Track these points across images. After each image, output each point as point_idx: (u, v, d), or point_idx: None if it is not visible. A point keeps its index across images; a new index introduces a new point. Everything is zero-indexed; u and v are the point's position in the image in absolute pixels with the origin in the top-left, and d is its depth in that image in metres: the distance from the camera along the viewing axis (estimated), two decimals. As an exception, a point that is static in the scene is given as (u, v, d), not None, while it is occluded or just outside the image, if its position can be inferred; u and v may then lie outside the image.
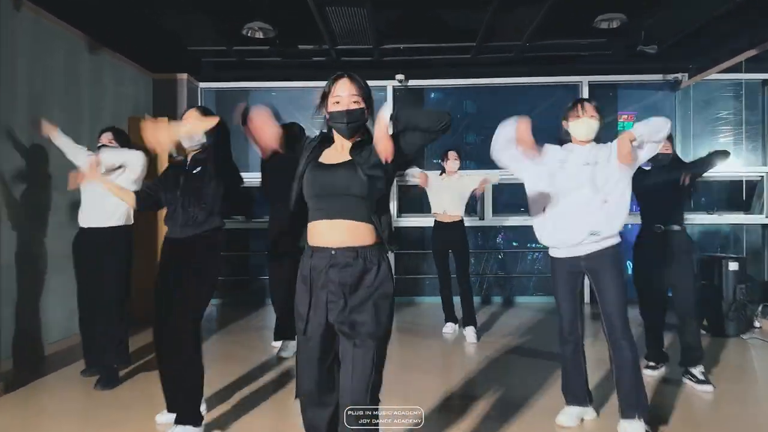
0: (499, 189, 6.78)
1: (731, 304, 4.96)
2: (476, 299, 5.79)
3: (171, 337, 2.86)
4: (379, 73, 6.62)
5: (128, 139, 4.15)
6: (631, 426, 2.80)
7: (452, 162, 5.09)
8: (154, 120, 2.40)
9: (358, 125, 2.02)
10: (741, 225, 6.90)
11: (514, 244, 7.33)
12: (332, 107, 2.02)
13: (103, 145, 3.91)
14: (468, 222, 5.33)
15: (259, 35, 5.24)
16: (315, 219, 2.01)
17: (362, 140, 2.05)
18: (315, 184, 2.00)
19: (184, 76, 6.63)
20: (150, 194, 3.10)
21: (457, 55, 6.28)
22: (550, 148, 3.04)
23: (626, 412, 2.83)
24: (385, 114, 1.93)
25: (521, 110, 7.13)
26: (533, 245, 7.12)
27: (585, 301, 6.20)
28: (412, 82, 6.91)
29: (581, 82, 6.97)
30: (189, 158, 3.05)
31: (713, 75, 6.36)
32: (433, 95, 7.43)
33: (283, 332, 4.56)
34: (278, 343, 4.69)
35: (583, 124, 2.94)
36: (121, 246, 3.89)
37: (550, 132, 7.48)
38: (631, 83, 7.08)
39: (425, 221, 6.82)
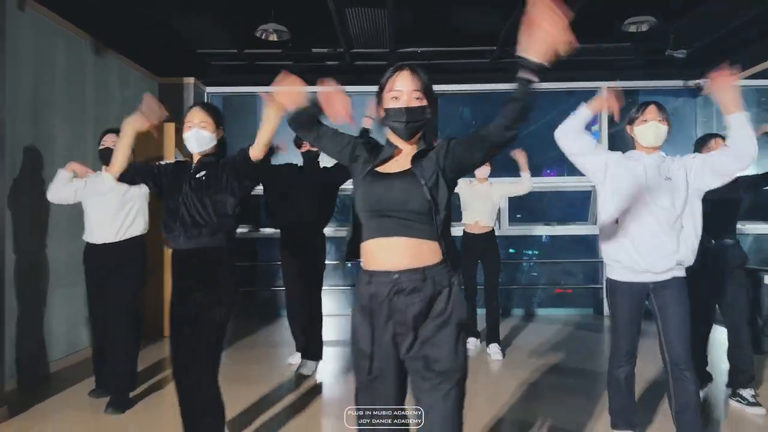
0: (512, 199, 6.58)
1: (767, 319, 4.75)
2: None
3: (188, 361, 2.53)
4: (417, 67, 6.40)
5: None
6: None
7: (483, 168, 4.76)
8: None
9: (418, 125, 1.77)
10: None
11: (531, 252, 7.14)
12: (389, 103, 1.78)
13: (107, 148, 3.60)
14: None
15: (273, 37, 5.03)
16: (370, 237, 1.74)
17: (425, 148, 1.79)
18: (371, 198, 1.74)
19: (191, 80, 6.40)
20: (147, 171, 2.68)
21: (476, 60, 6.09)
22: (615, 154, 2.78)
23: None
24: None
25: (540, 115, 7.05)
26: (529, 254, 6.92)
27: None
28: (426, 88, 6.72)
29: (600, 87, 6.76)
30: (195, 161, 2.64)
31: (740, 81, 6.18)
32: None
33: (307, 349, 4.34)
34: (294, 358, 4.47)
35: (650, 129, 2.70)
36: (135, 261, 3.64)
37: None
38: (650, 89, 6.89)
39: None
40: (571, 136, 2.71)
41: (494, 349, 4.73)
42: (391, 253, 1.69)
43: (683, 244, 2.65)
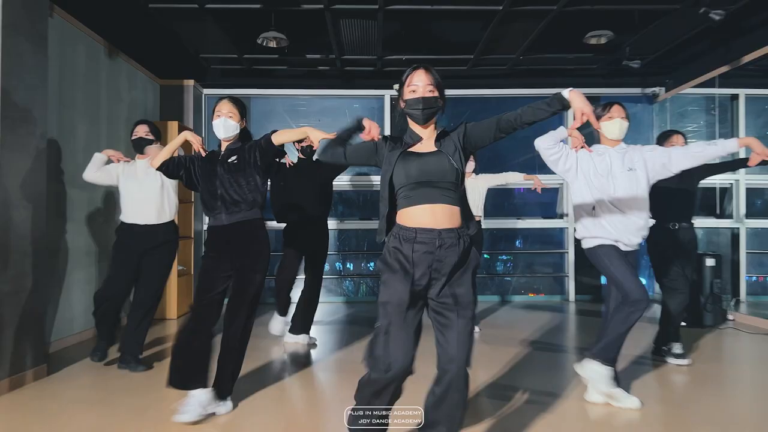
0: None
1: (708, 297, 5.42)
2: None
3: (231, 320, 3.04)
4: (379, 82, 7.00)
5: (159, 132, 4.28)
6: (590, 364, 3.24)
7: (469, 163, 5.29)
8: None
9: (432, 111, 2.21)
10: (715, 228, 7.44)
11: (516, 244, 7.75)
12: (408, 95, 2.22)
13: (140, 138, 4.04)
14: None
15: (273, 44, 5.54)
16: (412, 204, 2.16)
17: (442, 131, 2.26)
18: (412, 172, 2.16)
19: (191, 82, 6.88)
20: (180, 163, 3.16)
21: (455, 67, 6.69)
22: (583, 153, 3.33)
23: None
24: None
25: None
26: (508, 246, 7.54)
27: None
28: (409, 92, 7.28)
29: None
30: (224, 148, 3.11)
31: (687, 89, 6.90)
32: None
33: (302, 325, 4.85)
34: (295, 337, 4.93)
35: (616, 125, 3.27)
36: (173, 243, 4.09)
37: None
38: (613, 96, 7.57)
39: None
40: (549, 148, 3.27)
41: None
42: (435, 215, 2.15)
43: (646, 220, 3.25)
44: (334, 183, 4.96)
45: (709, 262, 5.49)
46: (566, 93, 2.07)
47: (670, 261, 4.18)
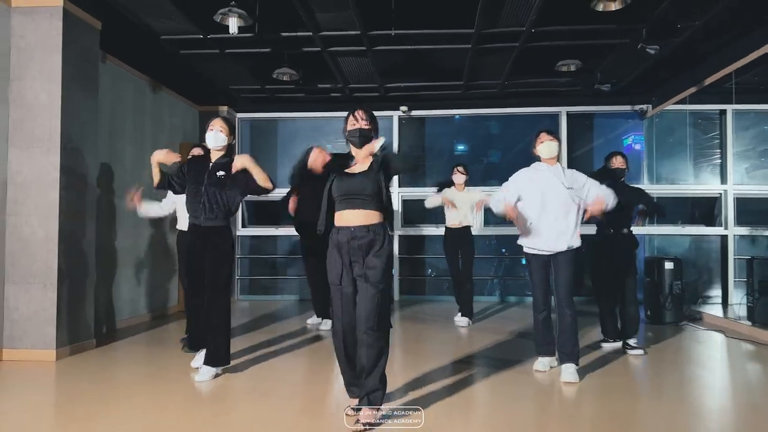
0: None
1: (667, 297, 6.02)
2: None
3: (211, 300, 3.91)
4: (385, 105, 7.92)
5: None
6: (567, 367, 3.95)
7: (460, 176, 6.09)
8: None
9: (366, 140, 3.06)
10: (705, 236, 7.94)
11: (503, 250, 8.48)
12: (350, 126, 3.09)
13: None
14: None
15: (286, 78, 6.57)
16: (341, 209, 3.06)
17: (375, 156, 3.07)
18: (342, 187, 3.04)
19: (225, 108, 8.01)
20: (181, 180, 4.00)
21: (450, 91, 7.54)
22: (521, 174, 4.17)
23: (563, 359, 3.99)
24: (376, 144, 3.06)
25: (521, 136, 8.33)
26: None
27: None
28: (414, 112, 8.16)
29: (560, 112, 8.12)
30: (214, 159, 3.93)
31: (670, 106, 7.47)
32: (458, 117, 8.67)
33: (326, 312, 5.80)
34: (314, 320, 5.94)
35: (546, 146, 4.07)
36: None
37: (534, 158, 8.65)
38: (604, 113, 8.20)
39: (425, 231, 8.06)
40: (497, 208, 4.15)
41: (462, 320, 6.08)
42: (351, 217, 3.05)
43: (575, 229, 4.02)
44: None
45: (668, 265, 6.08)
46: None
47: (607, 264, 4.91)
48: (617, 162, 4.93)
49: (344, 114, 3.21)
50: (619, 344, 4.98)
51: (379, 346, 2.99)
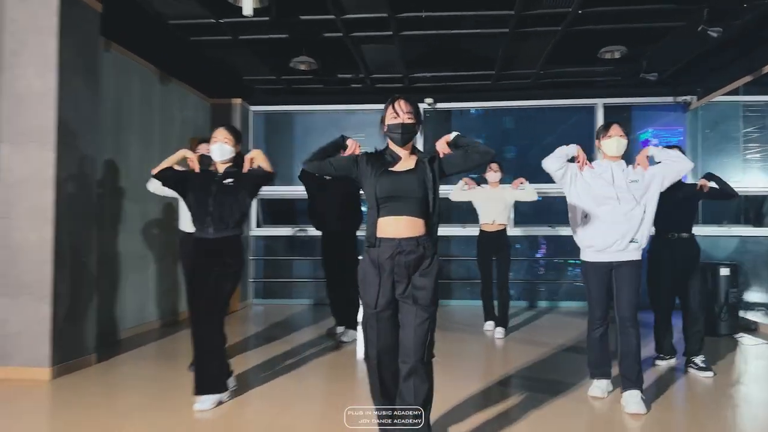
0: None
1: (723, 306, 5.46)
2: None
3: (205, 320, 3.47)
4: (409, 96, 7.37)
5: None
6: (631, 395, 3.43)
7: (494, 173, 5.60)
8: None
9: (410, 136, 2.60)
10: (753, 237, 7.34)
11: (538, 252, 7.95)
12: (390, 120, 2.60)
13: (202, 154, 4.14)
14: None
15: (304, 67, 6.07)
16: (383, 216, 2.54)
17: (421, 153, 2.66)
18: (382, 189, 2.53)
19: (238, 100, 7.54)
20: (180, 178, 3.60)
21: (480, 82, 7.00)
22: (586, 169, 3.64)
23: (627, 385, 3.46)
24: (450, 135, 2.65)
25: (551, 128, 7.87)
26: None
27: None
28: (439, 105, 7.64)
29: (596, 104, 7.56)
30: (221, 170, 3.57)
31: (719, 97, 6.88)
32: (473, 111, 8.17)
33: (347, 321, 5.39)
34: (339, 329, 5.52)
35: (614, 142, 3.55)
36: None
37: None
38: (643, 105, 7.62)
39: (450, 231, 7.55)
40: (552, 165, 3.63)
41: (499, 331, 5.55)
42: (396, 226, 2.55)
43: (641, 229, 3.51)
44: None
45: (724, 271, 5.53)
46: None
47: (664, 273, 4.37)
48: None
49: (365, 107, 2.76)
50: (673, 361, 4.46)
51: (429, 382, 2.54)
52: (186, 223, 4.51)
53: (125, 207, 5.52)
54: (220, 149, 3.56)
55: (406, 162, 2.63)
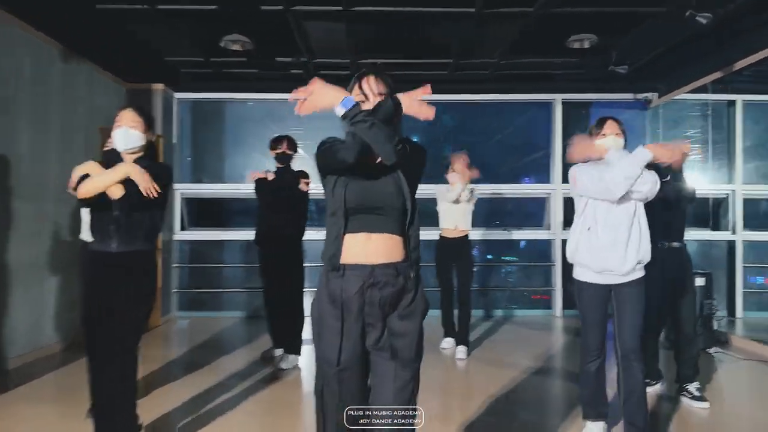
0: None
1: (698, 319, 5.05)
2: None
3: (106, 360, 2.69)
4: (382, 71, 6.66)
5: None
6: None
7: (455, 174, 4.95)
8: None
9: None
10: (709, 241, 7.08)
11: (489, 257, 7.41)
12: None
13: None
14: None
15: (237, 47, 5.23)
16: (351, 232, 1.84)
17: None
18: (353, 194, 1.84)
19: (160, 86, 6.58)
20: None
21: (435, 72, 6.35)
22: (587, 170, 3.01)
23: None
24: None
25: (505, 124, 7.36)
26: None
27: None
28: (388, 97, 6.94)
29: (554, 99, 7.10)
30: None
31: (682, 95, 6.55)
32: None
33: (287, 343, 4.63)
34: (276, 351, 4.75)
35: (609, 142, 2.97)
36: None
37: (524, 149, 7.63)
38: (603, 101, 7.22)
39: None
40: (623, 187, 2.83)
41: (461, 351, 4.91)
42: (369, 247, 1.84)
43: (643, 244, 2.93)
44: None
45: (699, 281, 5.11)
46: None
47: (651, 287, 3.82)
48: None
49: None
50: (658, 387, 3.97)
51: None
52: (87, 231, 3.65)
53: (15, 207, 4.53)
54: (125, 135, 2.74)
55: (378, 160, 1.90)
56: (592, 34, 5.10)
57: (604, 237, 2.93)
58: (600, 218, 2.95)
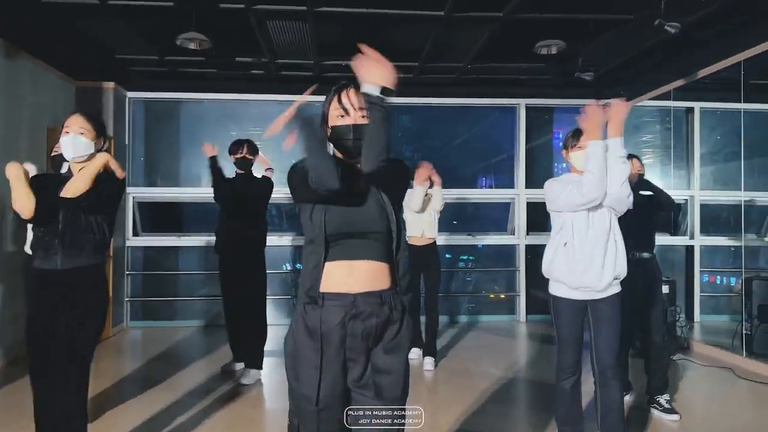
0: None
1: (666, 328, 5.09)
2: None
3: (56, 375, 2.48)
4: (319, 88, 6.48)
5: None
6: None
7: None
8: None
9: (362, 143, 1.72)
10: (667, 246, 7.18)
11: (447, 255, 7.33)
12: (336, 120, 1.78)
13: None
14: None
15: (193, 46, 4.97)
16: (332, 260, 1.70)
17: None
18: (333, 220, 1.70)
19: (111, 84, 6.25)
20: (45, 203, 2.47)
21: (401, 74, 6.21)
22: (558, 183, 2.95)
23: None
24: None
25: (467, 128, 7.30)
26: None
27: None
28: (352, 99, 6.78)
29: (519, 104, 7.08)
30: (76, 173, 2.54)
31: (643, 102, 6.62)
32: None
33: (249, 357, 4.44)
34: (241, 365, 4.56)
35: (585, 155, 2.85)
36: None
37: (484, 152, 7.58)
38: (565, 107, 7.25)
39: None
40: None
41: (428, 362, 4.81)
42: (352, 275, 1.71)
43: (619, 260, 2.85)
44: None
45: (663, 288, 5.13)
46: None
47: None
48: (633, 167, 3.81)
49: (266, 97, 1.83)
50: (628, 398, 3.94)
51: None
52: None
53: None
54: (73, 143, 2.52)
55: (358, 179, 1.75)
56: (560, 40, 5.06)
57: (580, 253, 2.85)
58: (577, 234, 2.87)
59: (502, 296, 7.25)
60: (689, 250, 7.11)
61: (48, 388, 2.47)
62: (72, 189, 2.40)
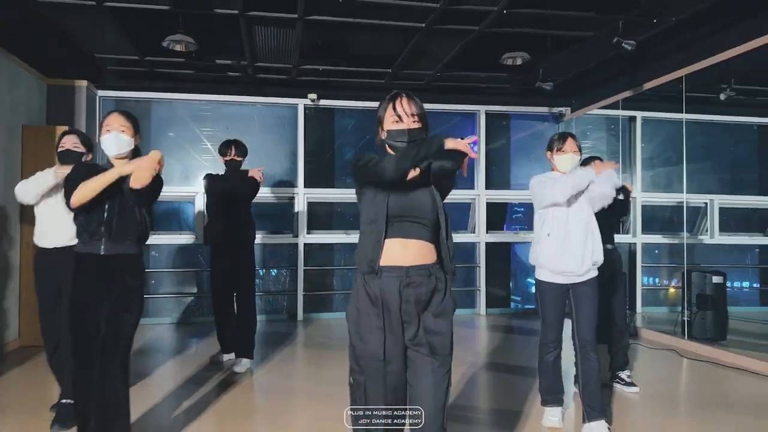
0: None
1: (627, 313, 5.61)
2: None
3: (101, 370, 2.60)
4: (292, 91, 6.72)
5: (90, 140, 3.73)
6: (599, 426, 3.18)
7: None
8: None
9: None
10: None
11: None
12: (391, 125, 2.09)
13: (68, 150, 3.42)
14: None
15: (180, 48, 5.11)
16: (390, 237, 2.00)
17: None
18: (395, 204, 2.01)
19: (84, 82, 6.26)
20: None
21: (372, 80, 6.54)
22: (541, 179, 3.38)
23: (592, 415, 3.21)
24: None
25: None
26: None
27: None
28: (323, 102, 7.03)
29: (479, 110, 7.53)
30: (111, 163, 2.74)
31: (592, 110, 7.20)
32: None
33: (240, 348, 4.61)
34: (225, 358, 4.76)
35: (567, 158, 3.31)
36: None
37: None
38: (521, 114, 7.76)
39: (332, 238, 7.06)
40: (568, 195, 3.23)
41: None
42: (404, 251, 2.02)
43: (596, 248, 3.30)
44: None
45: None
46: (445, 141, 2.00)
47: None
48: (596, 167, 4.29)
49: (238, 98, 2.12)
50: None
51: None
52: (42, 236, 3.47)
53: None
54: (116, 141, 2.70)
55: (412, 174, 2.06)
56: (525, 53, 5.50)
57: (563, 242, 3.26)
58: (560, 226, 3.29)
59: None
60: (632, 247, 7.76)
61: (90, 373, 2.59)
62: (140, 180, 2.54)
